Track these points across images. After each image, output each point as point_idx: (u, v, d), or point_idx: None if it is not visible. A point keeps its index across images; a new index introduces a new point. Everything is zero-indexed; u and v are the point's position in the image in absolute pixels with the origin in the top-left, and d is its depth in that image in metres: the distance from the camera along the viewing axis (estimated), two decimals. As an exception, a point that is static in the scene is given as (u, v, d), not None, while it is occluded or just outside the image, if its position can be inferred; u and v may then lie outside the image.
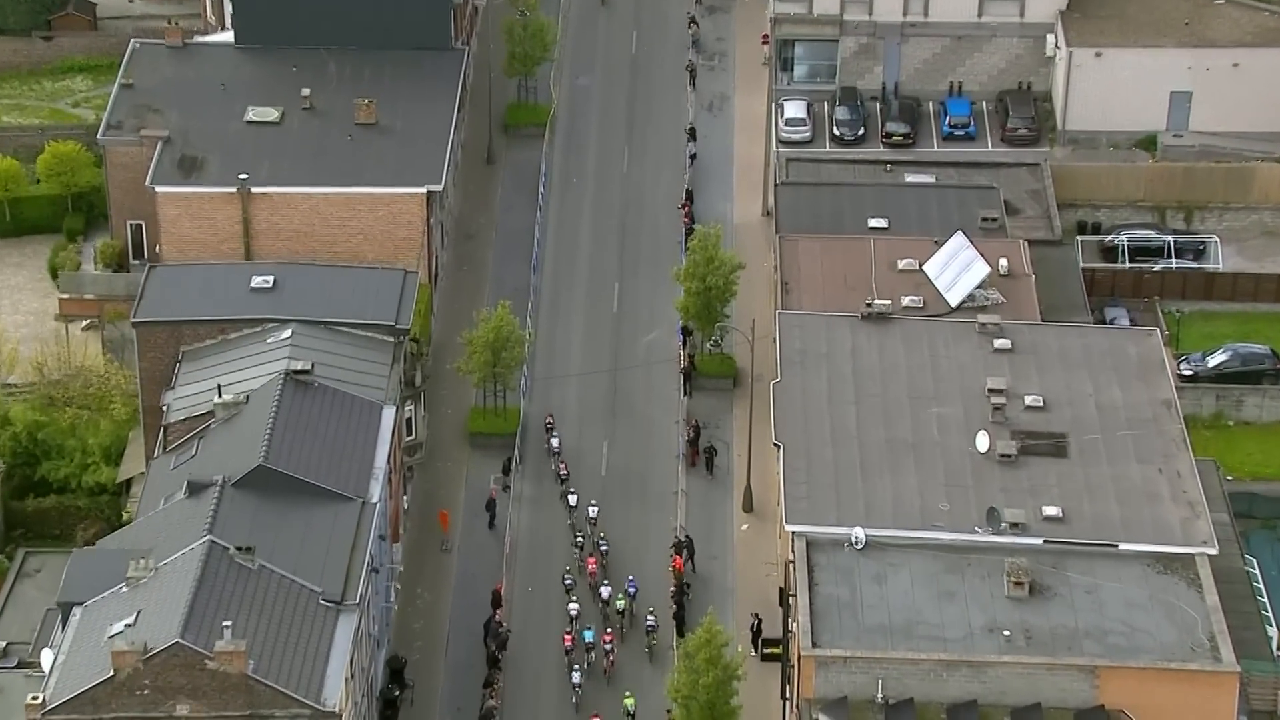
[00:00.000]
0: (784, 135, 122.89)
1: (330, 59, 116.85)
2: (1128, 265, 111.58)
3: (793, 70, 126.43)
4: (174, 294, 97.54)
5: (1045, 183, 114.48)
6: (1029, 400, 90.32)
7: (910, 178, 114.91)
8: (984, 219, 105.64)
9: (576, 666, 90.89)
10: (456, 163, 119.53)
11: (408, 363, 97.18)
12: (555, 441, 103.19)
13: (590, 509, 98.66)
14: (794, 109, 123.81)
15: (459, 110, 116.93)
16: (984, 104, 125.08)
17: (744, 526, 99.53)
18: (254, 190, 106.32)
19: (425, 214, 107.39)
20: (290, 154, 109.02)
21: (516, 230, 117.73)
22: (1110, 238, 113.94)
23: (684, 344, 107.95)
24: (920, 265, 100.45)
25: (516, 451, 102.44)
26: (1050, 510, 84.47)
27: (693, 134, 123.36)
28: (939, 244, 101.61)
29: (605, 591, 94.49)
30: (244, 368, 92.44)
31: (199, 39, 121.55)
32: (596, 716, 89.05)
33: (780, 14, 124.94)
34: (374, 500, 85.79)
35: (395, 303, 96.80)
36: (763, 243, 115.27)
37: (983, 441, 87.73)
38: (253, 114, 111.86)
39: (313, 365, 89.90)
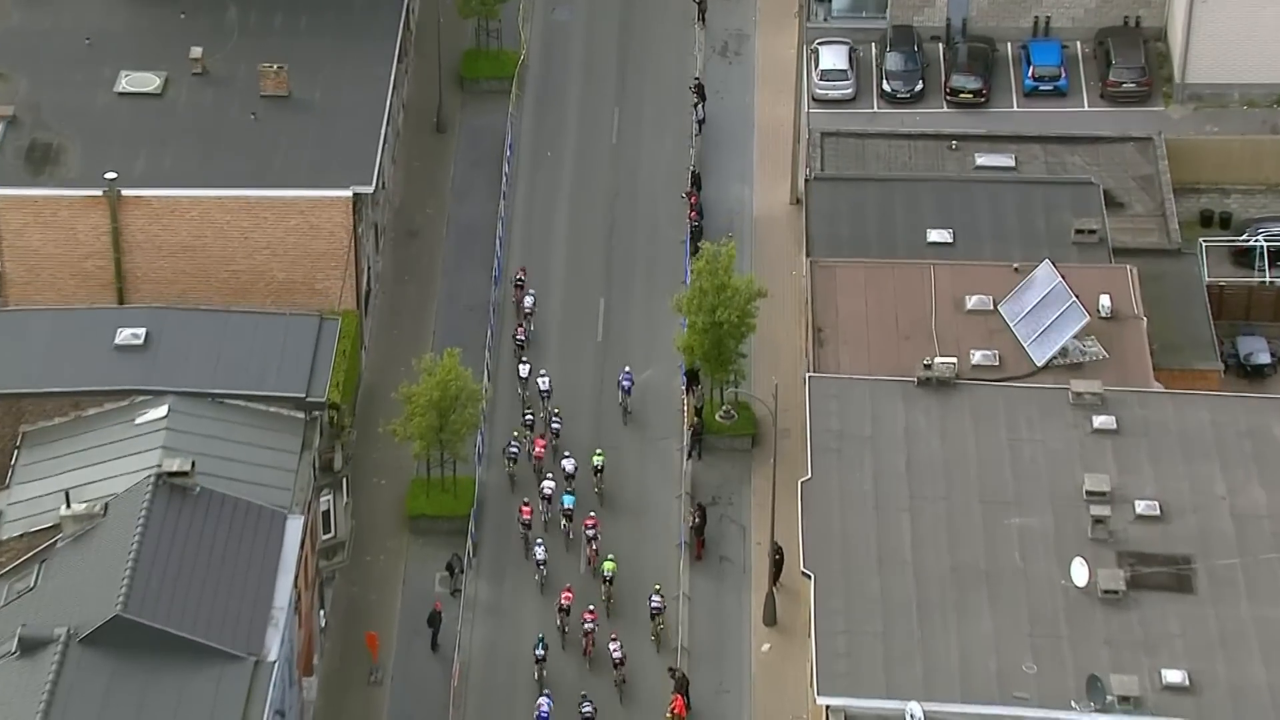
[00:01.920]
0: (819, 92, 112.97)
1: (230, 3, 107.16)
2: (1267, 277, 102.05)
3: (831, 1, 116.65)
4: (11, 352, 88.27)
5: (1159, 165, 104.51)
6: (1141, 508, 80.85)
7: (982, 159, 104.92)
8: (1079, 231, 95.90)
9: (539, 541, 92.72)
10: (397, 131, 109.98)
11: (325, 439, 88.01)
12: (529, 301, 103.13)
13: (541, 380, 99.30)
14: (832, 57, 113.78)
15: (399, 63, 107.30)
16: (1078, 46, 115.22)
17: (765, 647, 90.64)
18: (125, 193, 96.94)
19: (351, 222, 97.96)
20: (175, 140, 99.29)
21: (474, 224, 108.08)
22: (1244, 237, 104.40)
23: (688, 390, 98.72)
24: (995, 304, 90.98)
25: (470, 542, 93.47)
26: (1173, 676, 75.37)
27: (701, 91, 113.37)
28: (1019, 272, 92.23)
29: (569, 464, 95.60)
30: (103, 460, 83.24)
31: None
32: (569, 588, 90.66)
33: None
34: (271, 658, 76.90)
35: (308, 364, 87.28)
36: (790, 243, 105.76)
37: (1080, 572, 78.53)
38: (126, 82, 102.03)
39: (193, 464, 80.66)
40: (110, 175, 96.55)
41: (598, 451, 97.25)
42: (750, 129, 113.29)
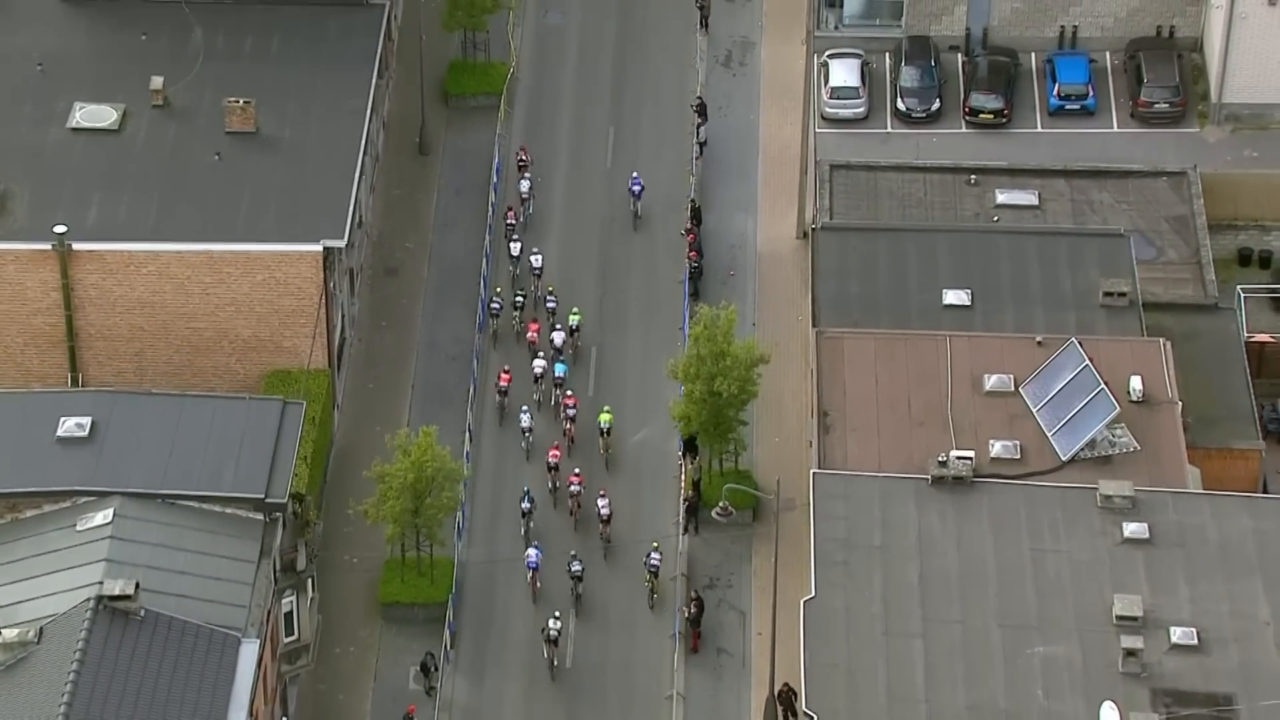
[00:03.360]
0: (829, 111, 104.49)
1: (195, 21, 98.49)
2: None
3: (842, 5, 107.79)
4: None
5: (1193, 204, 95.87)
6: (1177, 635, 72.85)
7: (1003, 196, 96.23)
8: (1108, 294, 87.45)
9: (525, 408, 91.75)
10: (376, 156, 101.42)
11: (288, 536, 79.93)
12: (525, 186, 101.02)
13: (533, 258, 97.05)
14: (843, 73, 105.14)
15: (379, 80, 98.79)
16: (1107, 58, 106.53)
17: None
18: (77, 247, 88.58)
19: (322, 277, 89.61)
20: (132, 184, 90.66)
21: (457, 259, 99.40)
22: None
23: (684, 457, 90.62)
24: (1017, 385, 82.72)
25: (448, 633, 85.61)
26: (1210, 845, 68.07)
27: (702, 110, 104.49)
28: (1043, 346, 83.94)
29: (558, 337, 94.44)
30: (40, 573, 74.77)
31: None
32: (556, 446, 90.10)
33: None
34: (219, 813, 69.38)
35: (268, 456, 78.79)
36: (797, 282, 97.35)
37: (1109, 716, 70.77)
38: (81, 116, 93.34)
39: (136, 586, 72.59)
40: (60, 228, 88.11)
41: (605, 409, 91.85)
42: (755, 151, 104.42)
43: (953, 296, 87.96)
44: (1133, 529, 76.23)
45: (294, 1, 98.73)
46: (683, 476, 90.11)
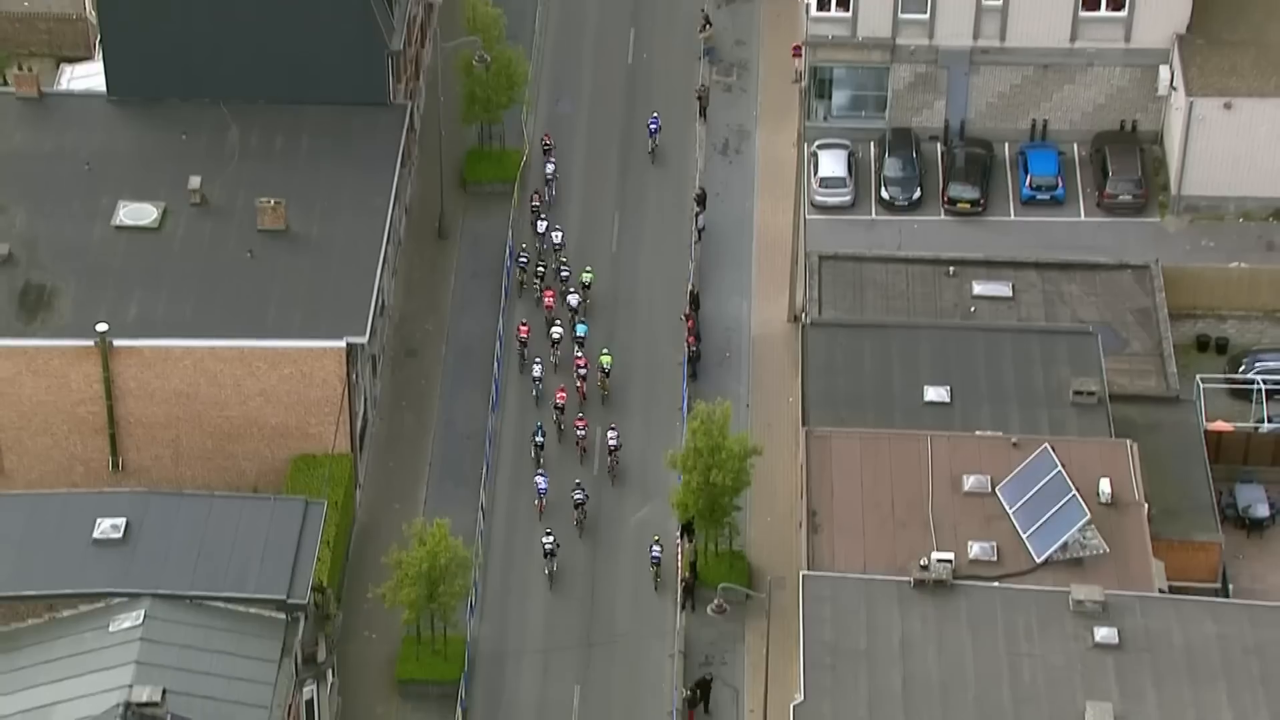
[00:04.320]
0: (818, 198, 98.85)
1: (232, 120, 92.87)
2: (1266, 420, 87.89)
3: (830, 97, 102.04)
4: (-17, 545, 74.71)
5: (1156, 297, 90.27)
6: (1145, 745, 67.90)
7: (979, 287, 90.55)
8: (1078, 392, 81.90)
9: (537, 360, 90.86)
10: (398, 241, 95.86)
11: (309, 630, 74.55)
12: (550, 168, 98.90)
13: (555, 235, 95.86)
14: (831, 163, 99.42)
15: (402, 167, 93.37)
16: (1075, 149, 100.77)
17: (758, 843, 77.93)
18: (117, 343, 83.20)
19: (345, 371, 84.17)
20: (170, 283, 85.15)
21: (473, 341, 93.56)
22: (1241, 369, 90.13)
23: (682, 539, 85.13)
24: (993, 486, 77.26)
25: (459, 709, 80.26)
26: None
27: (702, 200, 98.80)
28: (1018, 447, 78.38)
29: (574, 299, 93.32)
30: (73, 674, 69.61)
31: (60, 88, 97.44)
32: (561, 388, 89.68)
33: (815, 37, 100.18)
34: None
35: (291, 556, 73.41)
36: (788, 364, 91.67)
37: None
38: (124, 214, 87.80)
39: (163, 694, 67.30)
40: (102, 326, 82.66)
41: (604, 352, 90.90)
42: (749, 237, 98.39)
43: (933, 393, 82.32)
44: (1103, 634, 70.60)
45: (322, 101, 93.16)
46: (680, 558, 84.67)
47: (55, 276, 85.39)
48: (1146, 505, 76.52)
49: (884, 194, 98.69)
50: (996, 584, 73.33)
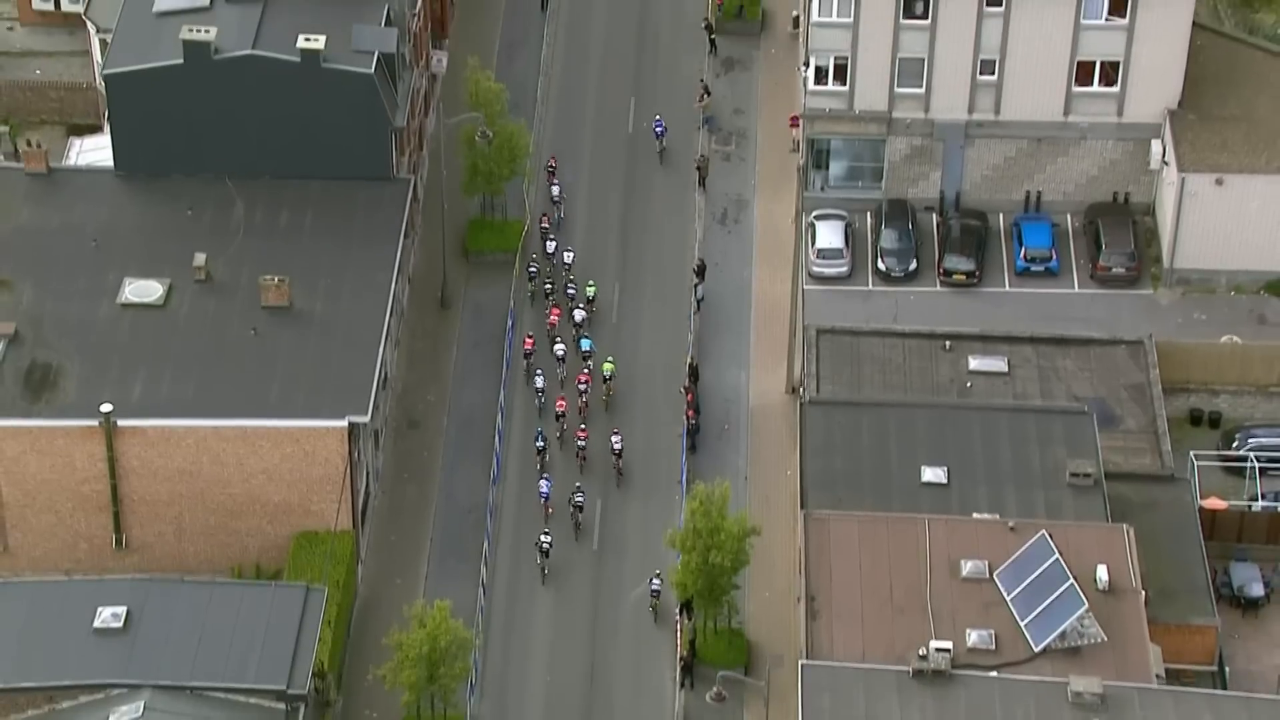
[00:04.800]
0: (815, 269, 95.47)
1: (237, 195, 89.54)
2: (1260, 498, 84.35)
3: (828, 168, 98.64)
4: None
5: (1150, 373, 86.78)
6: (1144, 846, 64.41)
7: (975, 362, 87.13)
8: (1074, 474, 78.48)
9: (539, 371, 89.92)
10: (401, 311, 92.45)
11: (309, 715, 71.00)
12: (556, 190, 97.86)
13: (566, 255, 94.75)
14: (828, 234, 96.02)
15: (405, 238, 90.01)
16: (1069, 219, 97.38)
17: None
18: (121, 424, 79.82)
19: (347, 449, 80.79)
20: (175, 360, 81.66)
21: (475, 411, 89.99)
22: (1234, 445, 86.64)
23: (681, 616, 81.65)
24: (991, 571, 73.78)
25: (460, 790, 76.97)
26: None
27: (701, 271, 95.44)
28: (1015, 532, 74.92)
29: (579, 314, 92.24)
30: (73, 769, 66.82)
31: (69, 163, 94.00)
32: (562, 398, 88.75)
33: (812, 109, 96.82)
34: None
35: (291, 645, 69.73)
36: (786, 436, 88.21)
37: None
38: (130, 291, 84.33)
39: (160, 792, 64.15)
40: (106, 407, 79.21)
41: (609, 359, 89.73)
42: (748, 306, 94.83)
43: (930, 474, 78.77)
44: (1101, 728, 67.45)
45: (327, 176, 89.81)
46: (679, 636, 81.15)
47: (61, 355, 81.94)
48: (1144, 594, 72.96)
49: (880, 265, 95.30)
50: (995, 674, 69.74)
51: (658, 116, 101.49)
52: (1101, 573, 72.65)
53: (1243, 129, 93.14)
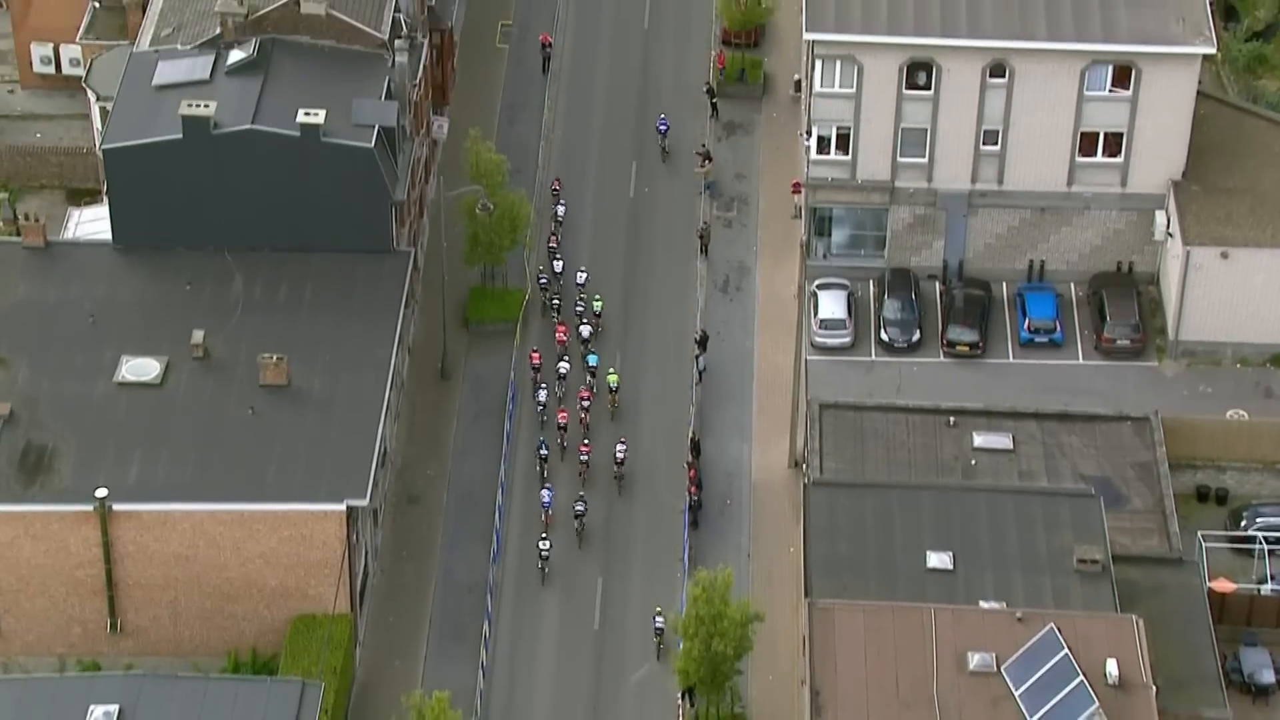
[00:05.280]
0: (818, 339, 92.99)
1: (236, 270, 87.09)
2: (1269, 579, 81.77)
3: (830, 235, 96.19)
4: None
5: (1156, 451, 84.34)
6: None
7: (980, 439, 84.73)
8: (1081, 561, 75.93)
9: (543, 385, 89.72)
10: (401, 383, 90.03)
11: (303, 813, 68.68)
12: (561, 210, 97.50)
13: (579, 275, 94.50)
14: (830, 304, 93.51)
15: (405, 308, 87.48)
16: (1072, 288, 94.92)
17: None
18: (117, 508, 77.32)
19: (345, 533, 78.24)
20: (171, 442, 79.07)
21: (476, 486, 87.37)
22: (1243, 524, 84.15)
23: (683, 700, 79.07)
24: (999, 664, 71.15)
25: None
26: None
27: (703, 342, 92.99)
28: (1023, 622, 72.34)
29: (585, 330, 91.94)
30: None
31: (67, 237, 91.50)
32: (563, 410, 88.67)
33: (815, 179, 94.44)
34: None
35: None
36: (789, 511, 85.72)
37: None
38: (126, 370, 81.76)
39: None
40: (101, 492, 76.68)
41: (612, 371, 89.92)
42: (750, 377, 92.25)
43: (936, 559, 76.15)
44: (1112, 835, 64.85)
45: (326, 249, 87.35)
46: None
47: (56, 436, 79.38)
48: (1154, 689, 70.35)
49: (883, 335, 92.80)
50: (1003, 774, 67.37)
51: (662, 115, 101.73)
52: (1111, 667, 69.95)
53: (1247, 201, 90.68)
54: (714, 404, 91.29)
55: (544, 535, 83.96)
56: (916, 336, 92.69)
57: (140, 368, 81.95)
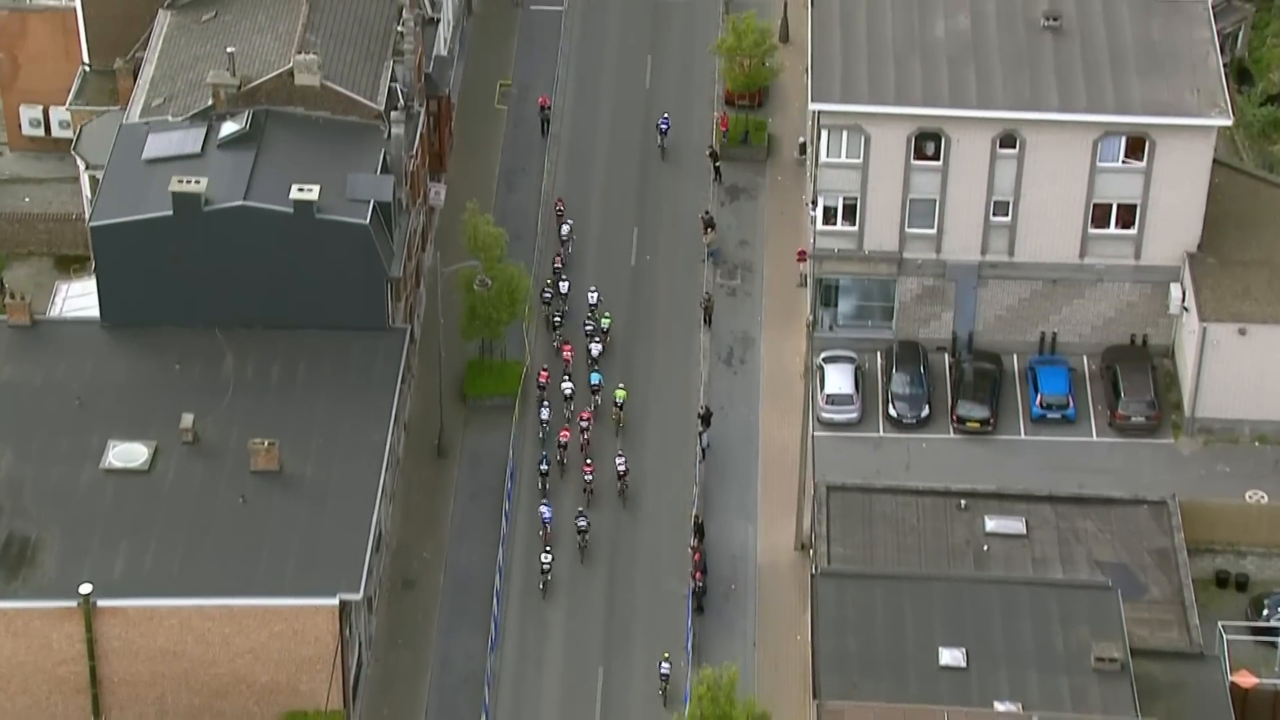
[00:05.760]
0: (825, 415, 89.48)
1: (227, 348, 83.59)
2: (1290, 672, 78.43)
3: (836, 305, 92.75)
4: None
5: (1174, 537, 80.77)
6: None
7: (992, 523, 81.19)
8: (1099, 659, 72.36)
9: (546, 402, 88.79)
10: (397, 461, 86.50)
11: None
12: (565, 229, 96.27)
13: (590, 295, 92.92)
14: (837, 378, 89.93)
15: (402, 383, 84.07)
16: (1085, 361, 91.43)
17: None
18: (102, 604, 73.74)
19: (338, 627, 74.68)
20: (159, 532, 75.36)
21: (473, 570, 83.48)
22: (1264, 614, 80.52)
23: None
24: (1015, 775, 67.80)
25: None
26: None
27: (706, 418, 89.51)
28: (1041, 728, 68.94)
29: (595, 348, 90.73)
30: None
31: (54, 314, 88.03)
32: (566, 428, 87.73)
33: (821, 249, 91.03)
34: None
35: None
36: (795, 598, 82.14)
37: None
38: (114, 456, 78.32)
39: None
40: (86, 588, 73.07)
41: (620, 386, 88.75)
42: (754, 453, 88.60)
43: (948, 656, 72.37)
44: None
45: (320, 326, 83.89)
46: (685, 824, 75.13)
47: (40, 526, 75.78)
48: (1177, 800, 67.04)
49: (892, 411, 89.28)
50: None
51: (665, 115, 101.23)
52: (1133, 781, 66.65)
53: (1265, 275, 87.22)
54: (718, 483, 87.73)
55: (547, 549, 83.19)
56: (925, 412, 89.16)
57: (127, 453, 78.44)
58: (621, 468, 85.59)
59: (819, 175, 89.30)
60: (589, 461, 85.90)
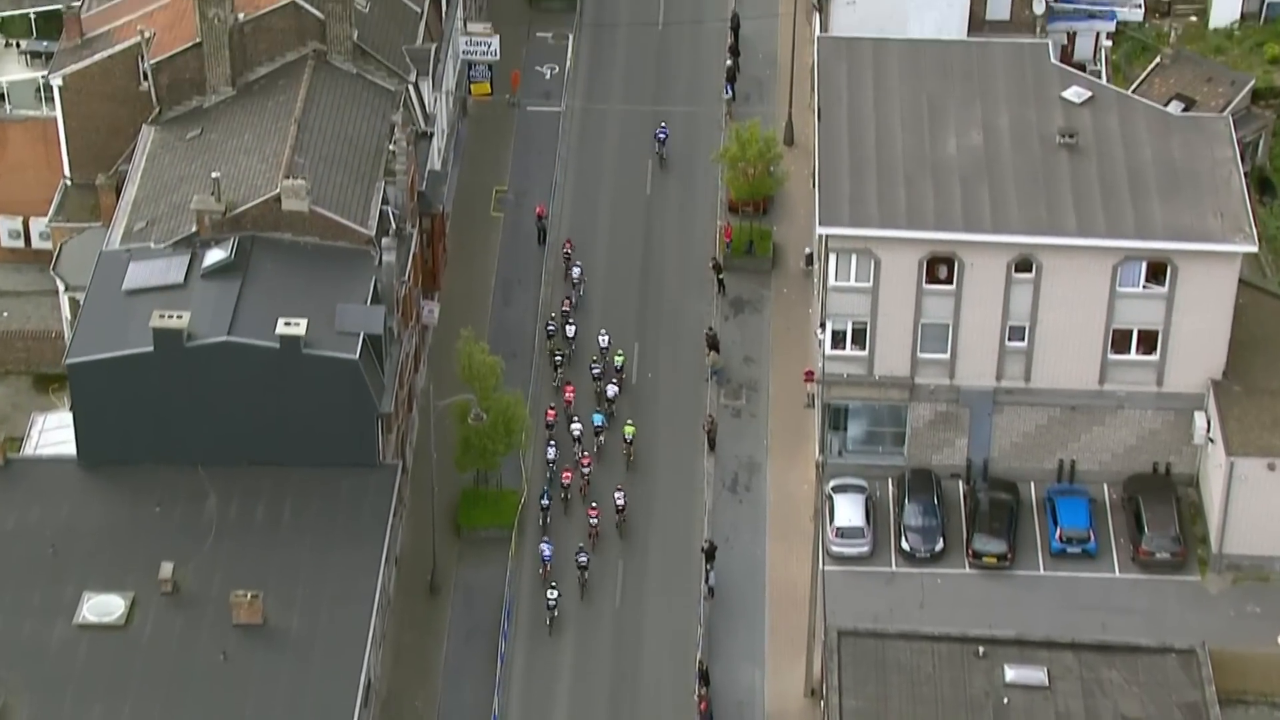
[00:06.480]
0: (835, 549, 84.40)
1: (210, 487, 78.46)
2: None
3: (846, 429, 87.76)
4: None
5: (1205, 689, 75.65)
6: None
7: (1011, 673, 75.94)
8: (1132, 837, 67.50)
9: (552, 442, 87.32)
10: (388, 600, 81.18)
11: None
12: (576, 271, 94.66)
13: (600, 338, 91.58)
14: (847, 510, 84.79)
15: (394, 515, 78.92)
16: (1105, 489, 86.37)
17: None
18: (73, 775, 68.66)
19: (324, 796, 69.60)
20: (135, 693, 69.77)
21: (468, 718, 79.44)
22: (1298, 770, 75.82)
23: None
24: None
25: None
26: None
27: (711, 553, 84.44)
28: None
29: (611, 389, 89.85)
30: None
31: (28, 453, 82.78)
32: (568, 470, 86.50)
33: (830, 375, 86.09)
34: None
35: None
36: (806, 748, 77.47)
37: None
38: (88, 610, 73.08)
39: None
40: (55, 759, 68.34)
41: (629, 423, 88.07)
42: (761, 591, 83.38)
43: (970, 832, 67.84)
44: None
45: (307, 464, 78.86)
46: None
47: (8, 689, 70.41)
48: None
49: (905, 544, 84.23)
50: None
51: (663, 124, 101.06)
52: None
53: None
54: (723, 621, 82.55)
55: (552, 585, 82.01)
56: (940, 545, 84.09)
57: (102, 606, 73.20)
58: (620, 502, 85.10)
59: (827, 299, 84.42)
60: (594, 505, 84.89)
